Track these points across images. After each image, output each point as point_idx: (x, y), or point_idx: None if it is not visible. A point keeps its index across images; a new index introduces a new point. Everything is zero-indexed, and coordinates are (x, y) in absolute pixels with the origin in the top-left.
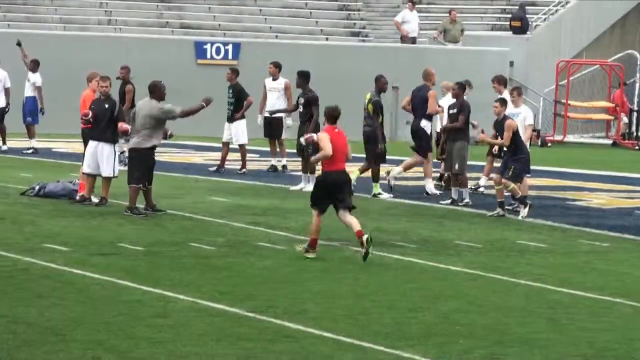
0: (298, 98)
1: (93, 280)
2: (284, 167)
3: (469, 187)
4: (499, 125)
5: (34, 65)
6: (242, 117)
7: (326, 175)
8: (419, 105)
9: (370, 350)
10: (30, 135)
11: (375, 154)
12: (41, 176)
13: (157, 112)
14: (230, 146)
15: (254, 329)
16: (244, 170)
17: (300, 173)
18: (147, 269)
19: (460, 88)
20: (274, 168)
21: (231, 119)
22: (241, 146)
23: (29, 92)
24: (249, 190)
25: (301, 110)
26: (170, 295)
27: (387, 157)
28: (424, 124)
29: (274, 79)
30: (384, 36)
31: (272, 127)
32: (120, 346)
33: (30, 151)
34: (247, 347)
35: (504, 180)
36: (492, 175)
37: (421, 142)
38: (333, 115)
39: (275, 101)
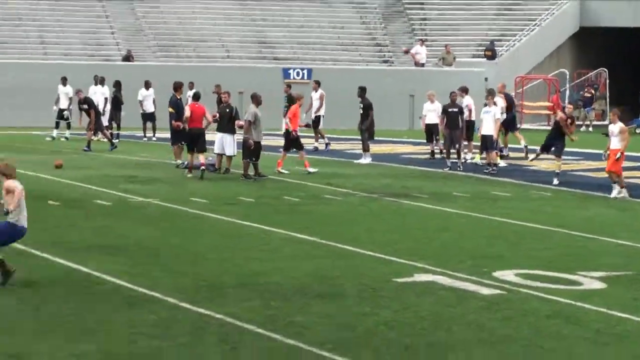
0: (360, 103)
1: (222, 221)
2: (316, 148)
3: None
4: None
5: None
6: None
7: (189, 130)
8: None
9: (396, 263)
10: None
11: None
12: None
13: (250, 116)
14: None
15: (325, 251)
16: (316, 145)
17: (359, 151)
18: (257, 213)
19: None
20: (315, 148)
21: (285, 115)
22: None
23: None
24: (321, 162)
25: (361, 112)
26: (271, 230)
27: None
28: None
29: (315, 91)
30: (403, 63)
31: (316, 122)
32: (240, 263)
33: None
34: (321, 263)
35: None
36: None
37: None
38: (197, 96)
39: (316, 106)
